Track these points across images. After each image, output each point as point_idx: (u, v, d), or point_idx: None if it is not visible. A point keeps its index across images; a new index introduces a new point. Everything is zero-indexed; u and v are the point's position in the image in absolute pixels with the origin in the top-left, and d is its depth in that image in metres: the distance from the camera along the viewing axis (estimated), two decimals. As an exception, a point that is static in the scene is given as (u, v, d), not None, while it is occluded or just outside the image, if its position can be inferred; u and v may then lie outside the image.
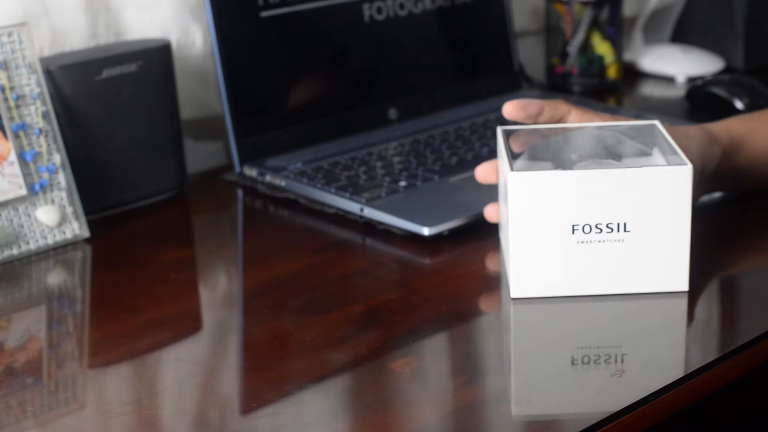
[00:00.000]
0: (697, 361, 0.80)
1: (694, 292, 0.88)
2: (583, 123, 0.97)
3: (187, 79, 1.25)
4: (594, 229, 0.86)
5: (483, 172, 0.99)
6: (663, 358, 0.81)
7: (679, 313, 0.88)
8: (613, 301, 0.88)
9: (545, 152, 0.93)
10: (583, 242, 0.87)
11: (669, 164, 0.88)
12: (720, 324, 0.88)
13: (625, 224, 0.86)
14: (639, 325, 0.86)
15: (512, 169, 0.87)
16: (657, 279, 0.88)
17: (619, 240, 0.87)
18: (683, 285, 0.88)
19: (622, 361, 0.80)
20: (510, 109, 0.97)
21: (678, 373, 0.78)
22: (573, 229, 0.86)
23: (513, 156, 0.91)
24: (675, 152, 0.89)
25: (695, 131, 0.99)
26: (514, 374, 0.80)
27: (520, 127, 0.96)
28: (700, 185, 0.98)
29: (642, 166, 0.88)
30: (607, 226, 0.86)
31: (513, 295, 0.88)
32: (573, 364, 0.80)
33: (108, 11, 1.20)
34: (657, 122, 0.95)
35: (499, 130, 0.95)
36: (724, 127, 1.02)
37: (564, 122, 0.98)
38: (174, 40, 1.24)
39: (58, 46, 1.17)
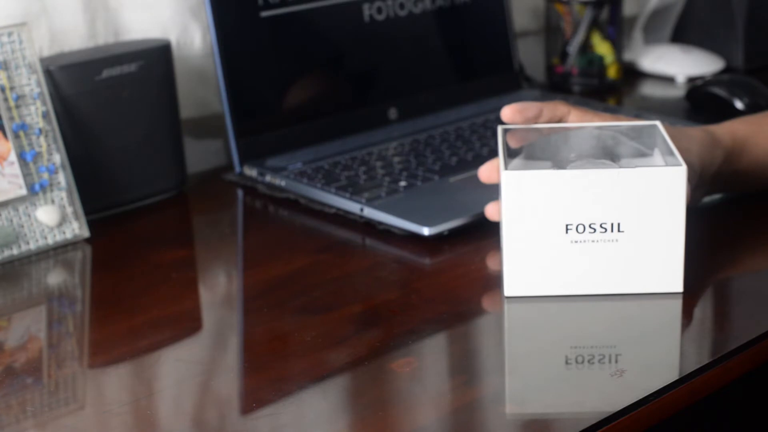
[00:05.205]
0: (691, 363, 0.80)
1: (690, 293, 0.88)
2: (583, 123, 0.97)
3: (187, 79, 1.25)
4: (588, 229, 0.86)
5: (486, 172, 0.99)
6: (657, 358, 0.81)
7: (674, 314, 0.87)
8: (608, 301, 0.88)
9: (544, 152, 0.93)
10: (576, 242, 0.87)
11: (665, 165, 0.88)
12: (716, 325, 0.88)
13: (618, 224, 0.86)
14: (633, 325, 0.86)
15: (506, 168, 0.87)
16: (651, 280, 0.87)
17: (612, 240, 0.87)
18: (678, 286, 0.88)
19: (617, 362, 0.80)
20: (508, 113, 0.96)
21: (672, 373, 0.78)
22: (566, 229, 0.86)
23: (510, 155, 0.91)
24: (672, 153, 0.89)
25: (697, 133, 0.98)
26: (510, 374, 0.80)
27: (520, 126, 0.96)
28: (702, 187, 0.98)
29: (636, 166, 0.88)
30: (600, 226, 0.86)
31: (506, 293, 0.88)
32: (567, 363, 0.80)
33: (107, 11, 1.20)
34: (658, 123, 0.95)
35: (500, 129, 0.95)
36: (727, 129, 1.01)
37: (564, 123, 0.98)
38: (173, 39, 1.24)
39: (57, 46, 1.17)
